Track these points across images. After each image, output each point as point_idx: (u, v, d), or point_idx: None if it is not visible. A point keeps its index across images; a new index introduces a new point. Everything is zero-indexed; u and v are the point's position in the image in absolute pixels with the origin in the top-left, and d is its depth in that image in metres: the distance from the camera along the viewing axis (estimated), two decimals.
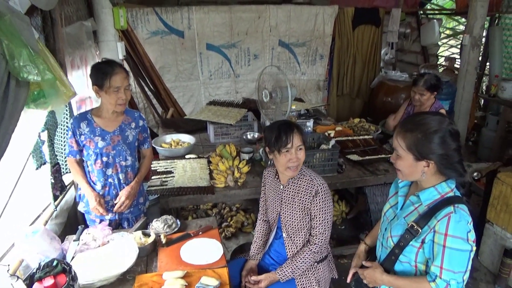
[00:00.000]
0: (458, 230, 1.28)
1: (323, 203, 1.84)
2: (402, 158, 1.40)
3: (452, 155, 1.34)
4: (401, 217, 1.47)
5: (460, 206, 1.32)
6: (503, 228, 2.84)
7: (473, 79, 4.62)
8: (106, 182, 2.21)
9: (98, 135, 2.14)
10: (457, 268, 1.29)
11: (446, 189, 1.37)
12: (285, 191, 1.94)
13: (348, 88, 5.54)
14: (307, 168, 1.96)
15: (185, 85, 4.67)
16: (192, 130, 3.50)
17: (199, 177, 2.65)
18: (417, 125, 1.36)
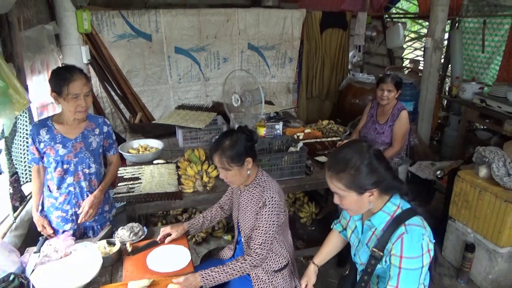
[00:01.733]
0: (412, 250, 1.31)
1: (269, 216, 1.75)
2: (346, 198, 1.40)
3: (386, 175, 1.37)
4: (364, 243, 1.49)
5: (412, 222, 1.35)
6: (464, 224, 2.95)
7: (435, 80, 4.79)
8: (66, 191, 2.15)
9: (59, 142, 2.09)
10: (412, 286, 1.33)
11: (393, 208, 1.41)
12: (241, 197, 1.92)
13: (317, 91, 5.63)
14: (268, 177, 1.89)
15: (154, 89, 4.60)
16: (161, 135, 3.46)
17: (167, 182, 2.61)
18: (345, 163, 1.36)
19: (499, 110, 3.91)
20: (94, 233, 2.27)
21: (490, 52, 4.88)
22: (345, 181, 1.36)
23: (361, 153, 1.37)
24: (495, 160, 2.73)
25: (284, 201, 1.89)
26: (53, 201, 2.18)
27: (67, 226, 2.20)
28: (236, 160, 1.75)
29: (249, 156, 1.78)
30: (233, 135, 1.79)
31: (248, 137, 1.80)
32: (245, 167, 1.79)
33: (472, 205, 2.85)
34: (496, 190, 2.68)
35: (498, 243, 2.68)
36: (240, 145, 1.76)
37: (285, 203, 1.90)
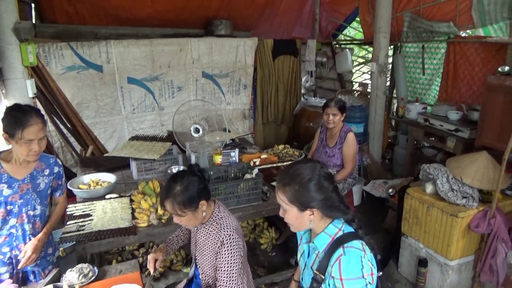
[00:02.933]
0: (350, 272, 1.32)
1: (229, 255, 1.70)
2: (288, 212, 1.42)
3: (331, 197, 1.39)
4: (309, 266, 1.50)
5: (350, 245, 1.35)
6: (416, 240, 3.07)
7: (383, 102, 5.05)
8: (7, 232, 2.02)
9: (4, 182, 1.97)
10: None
11: (335, 230, 1.41)
12: (198, 234, 1.87)
13: (273, 116, 5.75)
14: (225, 212, 1.84)
15: (106, 120, 4.50)
16: (114, 168, 3.36)
17: (120, 217, 2.53)
18: (293, 178, 1.39)
19: (441, 128, 4.17)
20: (36, 277, 2.13)
21: (430, 74, 5.23)
22: (289, 194, 1.38)
23: (311, 171, 1.39)
24: (439, 176, 2.89)
25: (243, 237, 1.84)
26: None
27: (3, 269, 2.04)
28: (188, 205, 1.69)
29: (202, 199, 1.72)
30: (184, 179, 1.70)
31: (200, 179, 1.74)
32: (199, 210, 1.73)
33: (422, 220, 2.98)
34: (442, 205, 2.82)
35: (447, 256, 2.80)
36: (192, 189, 1.69)
37: (243, 240, 1.84)
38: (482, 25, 4.37)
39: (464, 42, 4.50)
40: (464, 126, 3.89)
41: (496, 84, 3.05)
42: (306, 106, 5.65)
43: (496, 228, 2.66)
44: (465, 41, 4.51)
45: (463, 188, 2.80)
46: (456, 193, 2.80)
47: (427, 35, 5.02)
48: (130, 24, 5.20)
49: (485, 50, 4.22)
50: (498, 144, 3.01)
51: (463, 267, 2.86)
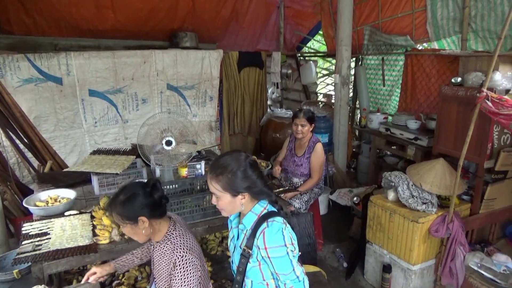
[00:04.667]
0: (273, 241, 1.51)
1: (182, 277, 1.65)
2: (221, 198, 1.58)
3: (257, 182, 1.58)
4: (238, 247, 1.67)
5: (273, 219, 1.56)
6: (380, 246, 3.14)
7: (346, 112, 5.18)
8: None
9: None
10: (285, 271, 1.55)
11: (260, 209, 1.62)
12: (154, 252, 1.81)
13: (240, 127, 5.76)
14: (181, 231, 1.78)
15: (67, 134, 4.34)
16: (75, 184, 3.23)
17: (80, 235, 2.42)
18: (223, 168, 1.55)
19: (401, 137, 4.32)
20: None
21: (390, 85, 5.44)
22: (222, 183, 1.55)
23: (238, 160, 1.57)
24: (400, 183, 2.99)
25: (200, 257, 1.78)
26: None
27: None
28: (126, 218, 1.68)
29: (144, 215, 1.67)
30: (129, 190, 1.69)
31: (148, 194, 1.69)
32: (139, 226, 1.69)
33: (385, 227, 3.05)
34: (403, 211, 2.91)
35: (410, 261, 2.88)
36: (133, 202, 1.66)
37: (201, 259, 1.79)
38: (436, 38, 4.61)
39: (421, 55, 4.73)
40: (423, 135, 4.06)
41: (450, 94, 3.21)
42: (273, 117, 5.71)
43: (454, 232, 2.76)
44: (422, 54, 4.74)
45: (422, 194, 2.90)
46: (416, 199, 2.90)
47: (386, 48, 5.23)
48: (92, 36, 5.08)
49: (440, 62, 4.44)
50: (454, 151, 3.15)
51: (425, 271, 2.95)
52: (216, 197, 1.60)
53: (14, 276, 2.58)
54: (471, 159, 3.04)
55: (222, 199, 1.58)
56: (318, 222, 3.61)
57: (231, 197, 1.56)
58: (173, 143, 3.13)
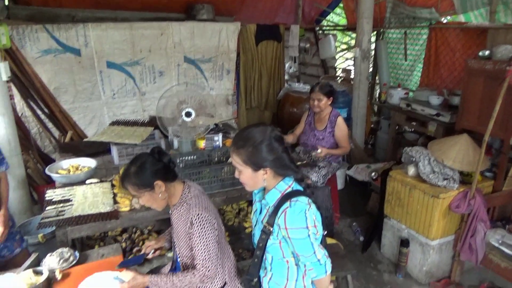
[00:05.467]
0: (294, 222, 1.45)
1: (201, 234, 1.68)
2: (243, 173, 1.53)
3: (282, 157, 1.50)
4: (260, 221, 1.62)
5: (297, 199, 1.48)
6: (398, 221, 3.12)
7: (365, 88, 5.07)
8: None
9: None
10: (306, 253, 1.50)
11: (285, 187, 1.54)
12: (172, 217, 1.85)
13: (256, 101, 5.71)
14: (196, 192, 1.81)
15: (86, 105, 4.38)
16: (95, 153, 3.28)
17: (101, 202, 2.47)
18: (246, 140, 1.49)
19: (422, 113, 4.22)
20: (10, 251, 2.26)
21: (412, 60, 5.28)
22: (243, 156, 1.49)
23: (262, 134, 1.49)
24: (421, 159, 2.93)
25: (217, 216, 1.80)
26: None
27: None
28: (143, 186, 1.70)
29: (158, 179, 1.71)
30: (138, 161, 1.73)
31: (157, 159, 1.73)
32: (156, 191, 1.72)
33: (404, 202, 3.02)
34: (423, 186, 2.87)
35: (429, 237, 2.86)
36: (146, 169, 1.70)
37: (218, 219, 1.81)
38: (463, 11, 4.41)
39: (446, 28, 4.54)
40: (445, 111, 3.95)
41: (476, 68, 3.09)
42: (290, 91, 5.63)
43: (475, 209, 2.71)
44: (447, 27, 4.55)
45: (444, 170, 2.85)
46: (438, 175, 2.84)
47: (409, 21, 5.04)
48: (108, 7, 5.01)
49: (466, 36, 4.27)
50: (478, 127, 3.06)
51: (443, 247, 2.92)
52: (238, 171, 1.55)
53: (39, 240, 2.67)
54: (496, 135, 2.94)
55: (243, 173, 1.53)
56: (335, 196, 3.60)
57: (252, 171, 1.50)
58: (193, 114, 3.13)
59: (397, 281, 3.04)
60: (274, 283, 1.64)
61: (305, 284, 1.63)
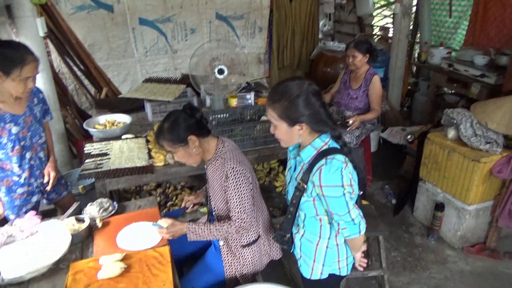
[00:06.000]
0: (329, 180, 1.40)
1: (236, 187, 1.70)
2: (278, 128, 1.47)
3: (319, 112, 1.43)
4: (294, 178, 1.58)
5: (333, 157, 1.42)
6: (434, 185, 3.04)
7: (405, 46, 4.81)
8: (28, 166, 2.15)
9: (10, 121, 2.01)
10: (340, 212, 1.45)
11: (321, 144, 1.48)
12: (208, 171, 1.87)
13: (289, 60, 5.57)
14: (230, 146, 1.83)
15: (119, 63, 4.41)
16: (129, 110, 3.32)
17: (137, 157, 2.53)
18: (282, 94, 1.43)
19: (466, 73, 3.98)
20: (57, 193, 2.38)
21: (457, 17, 4.92)
22: (278, 111, 1.43)
23: (299, 87, 1.42)
24: (462, 121, 2.79)
25: (251, 170, 1.81)
26: (16, 178, 2.12)
27: (34, 198, 2.24)
28: (177, 141, 1.71)
29: (192, 134, 1.71)
30: (171, 117, 1.74)
31: (189, 115, 1.74)
32: (190, 146, 1.73)
33: (441, 166, 2.92)
34: (464, 150, 2.75)
35: (466, 201, 2.77)
36: (179, 125, 1.71)
37: (252, 173, 1.83)
38: None
39: None
40: (491, 71, 3.71)
41: None
42: (324, 50, 5.44)
43: None
44: None
45: (487, 133, 2.71)
46: (480, 138, 2.71)
47: None
48: None
49: None
50: None
51: (480, 212, 2.84)
52: (273, 126, 1.49)
53: (79, 191, 2.79)
54: None
55: (278, 128, 1.47)
56: (368, 158, 3.52)
57: (287, 126, 1.44)
58: (225, 71, 3.09)
59: (429, 244, 3.00)
60: (306, 240, 1.65)
61: (338, 242, 1.61)
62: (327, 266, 1.63)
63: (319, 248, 1.61)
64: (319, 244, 1.61)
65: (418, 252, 2.92)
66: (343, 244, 1.63)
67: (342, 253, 1.63)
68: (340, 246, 1.63)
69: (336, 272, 1.66)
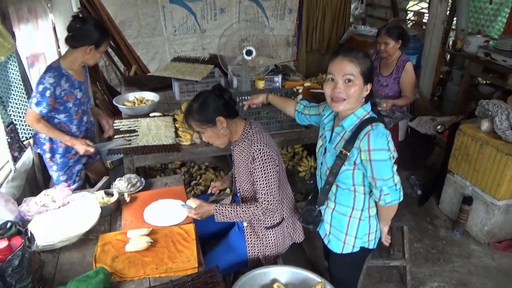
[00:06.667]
0: (378, 144, 1.44)
1: (262, 168, 1.71)
2: (355, 84, 1.47)
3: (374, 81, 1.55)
4: (331, 149, 1.60)
5: (377, 124, 1.48)
6: (463, 177, 2.96)
7: (440, 33, 4.63)
8: (84, 128, 2.41)
9: (77, 88, 2.26)
10: (386, 175, 1.47)
11: (363, 113, 1.53)
12: (234, 152, 1.87)
13: (318, 44, 5.45)
14: (257, 128, 1.82)
15: (148, 41, 4.44)
16: (157, 88, 3.36)
17: (164, 135, 2.56)
18: (363, 53, 1.49)
19: (504, 64, 3.80)
20: None
21: (497, 3, 4.67)
22: (363, 67, 1.47)
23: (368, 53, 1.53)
24: (498, 113, 2.68)
25: (278, 153, 1.81)
26: None
27: (83, 159, 2.49)
28: (206, 121, 1.72)
29: (220, 115, 1.71)
30: (200, 97, 1.75)
31: (218, 96, 1.74)
32: (218, 127, 1.73)
33: (472, 158, 2.83)
34: (497, 143, 2.65)
35: (496, 196, 2.69)
36: (208, 105, 1.72)
37: (279, 156, 1.83)
38: None
39: None
40: None
41: None
42: (355, 34, 5.29)
43: None
44: None
45: None
46: None
47: None
48: None
49: None
50: None
51: (511, 208, 2.75)
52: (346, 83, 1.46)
53: (108, 166, 2.86)
54: None
55: (355, 84, 1.46)
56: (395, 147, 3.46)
57: (362, 84, 1.47)
58: (254, 52, 3.05)
59: (454, 237, 2.95)
60: (338, 214, 1.67)
61: (370, 214, 1.64)
62: (359, 239, 1.67)
63: (352, 220, 1.64)
64: (352, 216, 1.64)
65: (442, 245, 2.87)
66: (374, 216, 1.67)
67: (373, 225, 1.67)
68: (372, 219, 1.66)
69: (366, 245, 1.69)
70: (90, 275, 1.37)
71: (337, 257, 1.74)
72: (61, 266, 1.52)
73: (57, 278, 1.46)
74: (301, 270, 1.75)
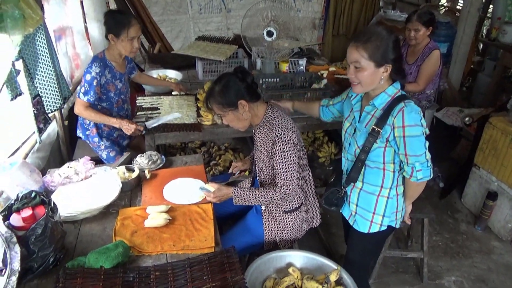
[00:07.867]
0: (412, 119, 1.46)
1: (283, 153, 1.69)
2: (364, 69, 1.48)
3: (400, 59, 1.53)
4: (362, 128, 1.60)
5: (409, 101, 1.50)
6: (488, 172, 2.87)
7: (474, 21, 4.42)
8: (125, 116, 2.52)
9: (118, 78, 2.38)
10: (418, 151, 1.49)
11: (394, 91, 1.54)
12: (255, 136, 1.85)
13: (345, 28, 5.31)
14: (278, 112, 1.79)
15: (173, 19, 4.42)
16: (180, 66, 3.36)
17: (185, 114, 2.57)
18: (372, 35, 1.47)
19: None
20: None
21: None
22: (370, 50, 1.45)
23: (388, 31, 1.50)
24: None
25: (299, 137, 1.79)
26: None
27: (125, 141, 2.65)
28: (227, 104, 1.71)
29: (242, 99, 1.70)
30: (223, 80, 1.72)
31: (240, 79, 1.71)
32: (240, 110, 1.72)
33: (501, 153, 2.73)
34: None
35: None
36: (230, 88, 1.70)
37: (300, 140, 1.80)
38: None
39: None
40: None
41: None
42: (384, 19, 5.13)
43: None
44: None
45: None
46: None
47: None
48: None
49: None
50: None
51: None
52: (356, 67, 1.49)
53: None
54: None
55: (364, 69, 1.47)
56: None
57: (374, 67, 1.47)
58: (274, 34, 2.99)
59: (475, 233, 2.88)
60: (365, 193, 1.67)
61: (398, 192, 1.66)
62: (387, 217, 1.68)
63: (380, 199, 1.65)
64: (380, 194, 1.65)
65: (462, 240, 2.81)
66: (402, 194, 1.68)
67: (400, 203, 1.68)
68: (399, 197, 1.67)
69: (393, 224, 1.71)
70: (109, 247, 1.40)
71: (362, 236, 1.74)
72: (82, 237, 1.56)
73: (78, 249, 1.50)
74: (317, 256, 1.75)
